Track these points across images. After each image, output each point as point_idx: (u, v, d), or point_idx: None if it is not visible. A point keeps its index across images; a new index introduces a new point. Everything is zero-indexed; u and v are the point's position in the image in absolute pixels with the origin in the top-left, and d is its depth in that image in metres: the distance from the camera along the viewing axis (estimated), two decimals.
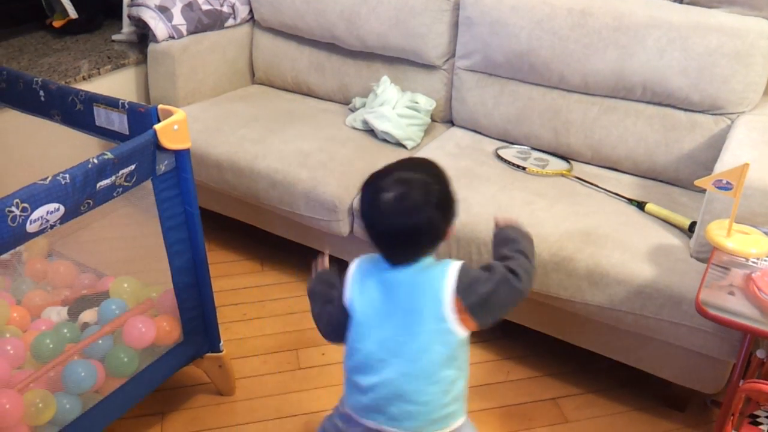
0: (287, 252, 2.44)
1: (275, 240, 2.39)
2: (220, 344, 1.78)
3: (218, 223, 2.48)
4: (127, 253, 1.89)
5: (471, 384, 1.91)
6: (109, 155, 1.32)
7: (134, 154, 1.37)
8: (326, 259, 1.48)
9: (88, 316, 1.68)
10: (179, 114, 1.45)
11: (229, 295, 2.28)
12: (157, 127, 1.41)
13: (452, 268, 1.22)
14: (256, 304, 2.26)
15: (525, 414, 1.85)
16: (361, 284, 1.28)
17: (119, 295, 1.72)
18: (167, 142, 1.43)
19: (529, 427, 1.81)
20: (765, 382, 1.28)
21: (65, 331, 1.61)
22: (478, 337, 2.08)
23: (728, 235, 1.49)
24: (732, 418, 1.42)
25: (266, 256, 2.48)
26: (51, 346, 1.54)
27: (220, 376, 1.85)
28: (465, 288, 1.21)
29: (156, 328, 1.64)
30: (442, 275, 1.22)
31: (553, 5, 2.05)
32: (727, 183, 1.44)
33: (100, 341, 1.58)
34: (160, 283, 1.69)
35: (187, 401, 1.87)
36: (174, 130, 1.44)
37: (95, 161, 1.29)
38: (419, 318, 1.22)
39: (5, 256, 1.76)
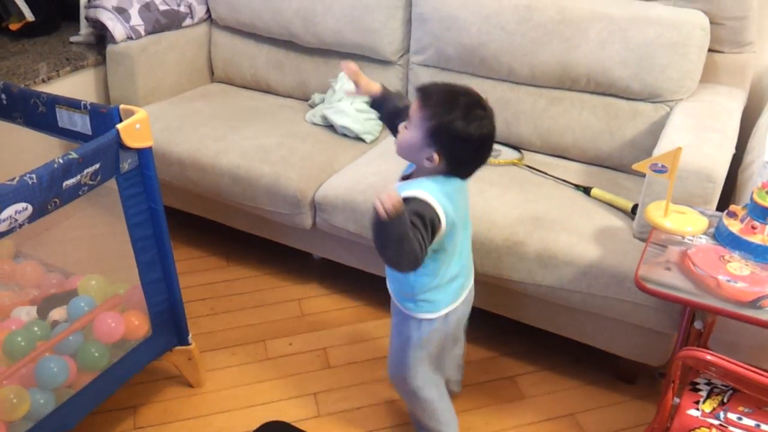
0: (252, 247, 2.49)
1: (239, 235, 2.44)
2: (189, 337, 1.83)
3: (182, 221, 2.52)
4: (93, 252, 1.92)
5: None
6: (74, 155, 1.36)
7: (98, 154, 1.42)
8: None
9: (57, 314, 1.72)
10: (141, 113, 1.50)
11: (197, 291, 2.32)
12: (119, 126, 1.45)
13: None
14: (223, 299, 2.31)
15: (485, 392, 1.94)
16: (453, 203, 1.38)
17: (87, 293, 1.76)
18: (130, 141, 1.47)
19: (489, 404, 1.90)
20: (699, 349, 1.38)
21: (36, 329, 1.65)
22: None
23: (665, 215, 1.59)
24: (673, 385, 1.52)
25: (231, 252, 2.53)
26: (22, 343, 1.58)
27: (189, 369, 1.90)
28: None
29: (125, 323, 1.68)
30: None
31: (500, 1, 2.14)
32: (662, 166, 1.54)
33: (71, 337, 1.63)
34: (127, 279, 1.73)
35: (158, 394, 1.92)
36: (136, 129, 1.48)
37: (60, 161, 1.33)
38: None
39: None
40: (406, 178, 1.46)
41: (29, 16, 2.65)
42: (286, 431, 1.79)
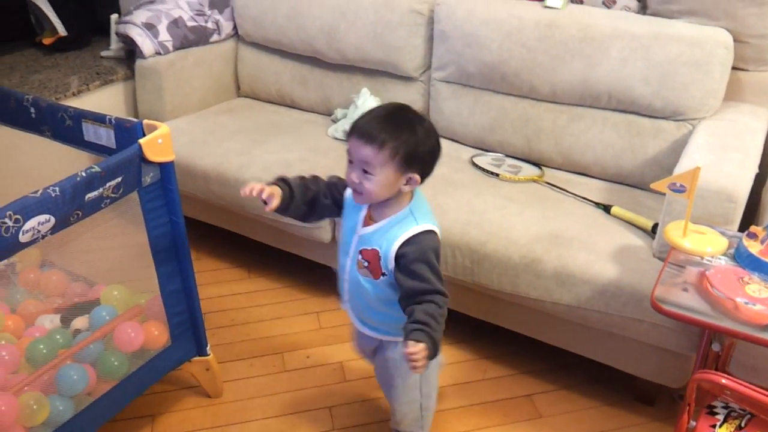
0: (273, 259, 2.51)
1: (261, 248, 2.46)
2: (207, 348, 1.86)
3: (206, 233, 2.56)
4: (116, 262, 1.95)
5: (450, 382, 2.00)
6: (97, 168, 1.39)
7: (120, 167, 1.45)
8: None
9: (79, 322, 1.75)
10: (163, 128, 1.53)
11: (217, 302, 2.35)
12: (142, 141, 1.49)
13: None
14: (243, 310, 2.33)
15: (501, 410, 1.93)
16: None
17: (109, 303, 1.79)
18: (152, 155, 1.51)
19: (505, 422, 1.89)
20: (714, 372, 1.36)
21: (58, 337, 1.69)
22: (455, 338, 2.16)
23: (684, 235, 1.57)
24: (688, 408, 1.50)
25: (253, 264, 2.56)
26: (44, 351, 1.62)
27: (207, 379, 1.92)
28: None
29: (145, 333, 1.71)
30: None
31: (521, 18, 2.14)
32: (681, 186, 1.53)
33: (92, 346, 1.66)
34: (148, 290, 1.76)
35: (176, 403, 1.94)
36: (158, 143, 1.51)
37: (83, 174, 1.37)
38: None
39: None
40: (369, 217, 1.46)
41: (62, 31, 2.73)
42: None
